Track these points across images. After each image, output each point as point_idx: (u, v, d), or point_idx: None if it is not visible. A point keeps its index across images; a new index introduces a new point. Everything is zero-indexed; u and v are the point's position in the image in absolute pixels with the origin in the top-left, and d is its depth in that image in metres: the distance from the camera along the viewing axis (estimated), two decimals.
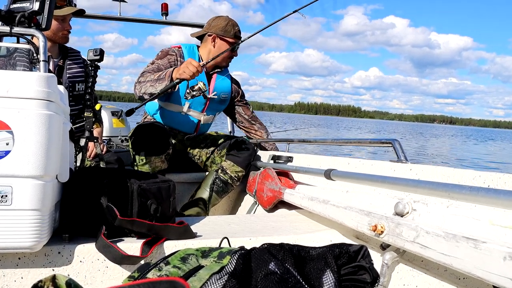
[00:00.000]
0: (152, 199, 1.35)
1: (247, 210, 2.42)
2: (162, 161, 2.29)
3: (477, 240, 0.80)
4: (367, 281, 0.86)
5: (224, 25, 2.51)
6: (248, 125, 2.81)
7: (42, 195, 1.08)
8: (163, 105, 2.53)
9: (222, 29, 2.50)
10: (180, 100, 2.46)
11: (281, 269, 0.80)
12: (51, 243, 1.20)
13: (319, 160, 2.10)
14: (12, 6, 1.36)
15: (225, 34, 2.51)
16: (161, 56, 2.45)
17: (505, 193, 0.81)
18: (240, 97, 2.76)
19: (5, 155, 1.04)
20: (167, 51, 2.47)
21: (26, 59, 2.03)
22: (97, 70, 1.83)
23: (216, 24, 2.52)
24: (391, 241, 1.04)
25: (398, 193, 1.30)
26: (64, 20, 2.18)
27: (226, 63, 2.59)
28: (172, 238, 1.32)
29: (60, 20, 2.17)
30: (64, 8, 2.15)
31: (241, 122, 2.81)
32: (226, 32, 2.50)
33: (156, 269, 0.98)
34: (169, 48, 2.50)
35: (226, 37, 2.51)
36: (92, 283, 1.23)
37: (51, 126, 1.09)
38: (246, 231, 1.48)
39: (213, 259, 0.99)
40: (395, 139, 1.70)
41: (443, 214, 1.02)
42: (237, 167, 2.42)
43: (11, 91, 1.05)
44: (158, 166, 2.28)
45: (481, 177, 1.24)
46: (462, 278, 1.00)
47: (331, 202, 1.39)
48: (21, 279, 1.18)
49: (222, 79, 2.59)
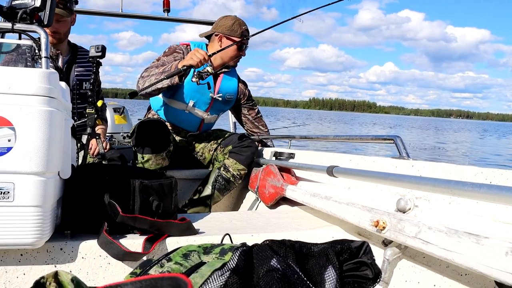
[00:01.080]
0: (154, 196, 1.35)
1: (249, 207, 2.43)
2: (163, 158, 2.30)
3: (479, 236, 0.79)
4: (369, 277, 0.86)
5: (231, 24, 2.50)
6: (251, 126, 2.81)
7: (44, 192, 1.08)
8: (168, 101, 2.52)
9: (229, 29, 2.50)
10: (184, 97, 2.46)
11: (283, 266, 0.80)
12: (53, 239, 1.20)
13: (321, 156, 2.10)
14: (13, 2, 1.36)
15: (232, 34, 2.50)
16: (167, 53, 2.45)
17: (507, 189, 0.80)
18: (246, 99, 2.75)
19: (7, 152, 1.05)
20: (174, 48, 2.47)
21: (28, 55, 2.03)
22: (99, 66, 1.83)
23: (223, 23, 2.52)
24: (393, 237, 1.04)
25: (400, 189, 1.30)
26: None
27: (233, 63, 2.59)
28: (174, 234, 1.32)
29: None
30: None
31: (245, 122, 2.82)
32: (233, 31, 2.50)
33: (158, 265, 0.98)
34: (177, 45, 2.50)
35: (232, 37, 2.50)
36: (94, 279, 1.23)
37: (53, 123, 1.09)
38: (248, 228, 1.48)
39: (215, 256, 0.99)
40: (397, 135, 1.70)
41: (445, 211, 1.02)
42: (240, 165, 2.42)
43: (13, 88, 1.06)
44: (159, 164, 2.29)
45: (483, 173, 1.24)
46: (464, 274, 1.00)
47: (333, 198, 1.39)
48: (23, 275, 1.18)
49: (228, 80, 2.58)
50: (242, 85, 2.72)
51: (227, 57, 2.51)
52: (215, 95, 2.51)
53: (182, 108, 2.50)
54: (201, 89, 2.43)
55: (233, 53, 2.51)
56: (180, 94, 2.45)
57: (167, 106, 2.53)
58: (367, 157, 1.75)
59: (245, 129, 2.86)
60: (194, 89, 2.44)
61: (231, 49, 2.47)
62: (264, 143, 2.81)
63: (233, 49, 2.49)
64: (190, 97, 2.46)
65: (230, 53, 2.50)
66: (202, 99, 2.49)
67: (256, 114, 2.81)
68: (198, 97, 2.48)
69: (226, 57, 2.51)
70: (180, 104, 2.49)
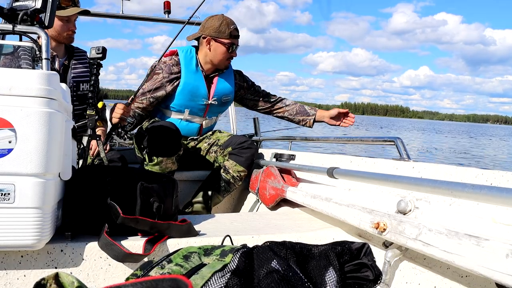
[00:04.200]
0: (155, 197, 1.35)
1: (249, 208, 2.43)
2: (172, 162, 2.25)
3: (480, 238, 0.79)
4: (369, 278, 0.86)
5: (218, 25, 2.36)
6: (265, 105, 2.68)
7: (44, 193, 1.08)
8: (164, 111, 2.49)
9: (216, 30, 2.36)
10: (178, 108, 2.43)
11: (284, 267, 0.80)
12: (54, 241, 1.20)
13: (321, 158, 2.10)
14: (14, 4, 1.36)
15: (220, 36, 2.37)
16: (149, 77, 2.35)
17: (508, 191, 0.80)
18: (246, 87, 2.64)
19: (8, 153, 1.05)
20: (154, 71, 2.36)
21: (29, 57, 2.03)
22: (100, 68, 1.83)
23: (209, 25, 2.38)
24: (393, 238, 1.04)
25: (401, 191, 1.30)
26: (68, 20, 2.19)
27: (224, 65, 2.47)
28: (174, 236, 1.32)
29: (65, 21, 2.18)
30: (69, 8, 2.16)
31: (257, 106, 2.69)
32: (220, 33, 2.36)
33: (158, 267, 0.98)
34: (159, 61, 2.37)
35: (221, 38, 2.37)
36: (94, 281, 1.23)
37: (53, 124, 1.09)
38: (248, 229, 1.48)
39: (215, 257, 0.99)
40: (398, 137, 1.70)
41: (446, 212, 1.02)
42: (240, 167, 2.40)
43: (13, 89, 1.06)
44: (168, 167, 2.25)
45: (484, 175, 1.24)
46: (465, 275, 1.00)
47: (334, 200, 1.39)
48: (23, 277, 1.18)
49: (223, 82, 2.50)
50: (239, 77, 2.63)
51: (217, 61, 2.41)
52: (209, 101, 2.45)
53: (179, 118, 2.47)
54: (194, 97, 2.40)
55: (223, 55, 2.39)
56: (174, 105, 2.41)
57: (165, 115, 2.49)
58: (368, 159, 1.75)
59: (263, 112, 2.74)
60: (187, 98, 2.40)
61: (220, 52, 2.38)
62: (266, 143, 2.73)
63: (223, 52, 2.39)
64: (184, 106, 2.42)
65: (219, 56, 2.40)
66: (196, 106, 2.44)
67: (262, 92, 2.68)
68: (192, 105, 2.44)
69: (216, 60, 2.41)
70: (176, 114, 2.46)
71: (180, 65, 2.39)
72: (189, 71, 2.39)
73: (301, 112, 2.66)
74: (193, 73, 2.40)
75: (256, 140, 2.97)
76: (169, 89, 2.36)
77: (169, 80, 2.35)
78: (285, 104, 2.68)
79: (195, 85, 2.39)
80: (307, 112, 2.66)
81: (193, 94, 2.40)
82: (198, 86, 2.40)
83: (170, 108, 2.44)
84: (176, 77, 2.37)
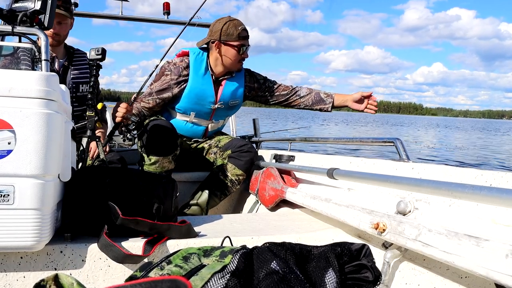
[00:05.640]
0: (155, 198, 1.35)
1: (249, 209, 2.43)
2: (169, 161, 2.25)
3: (479, 238, 0.79)
4: (369, 279, 0.86)
5: (225, 28, 2.31)
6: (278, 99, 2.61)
7: (44, 194, 1.08)
8: (171, 112, 2.48)
9: (224, 33, 2.32)
10: (184, 111, 2.42)
11: (283, 268, 0.80)
12: (53, 242, 1.20)
13: (321, 159, 2.10)
14: (14, 5, 1.36)
15: (228, 38, 2.32)
16: (157, 78, 2.35)
17: (507, 191, 0.80)
18: (256, 87, 2.57)
19: (7, 154, 1.05)
20: (163, 70, 2.35)
21: (28, 58, 2.03)
22: (99, 69, 1.83)
23: (216, 29, 2.33)
24: (393, 239, 1.04)
25: (400, 192, 1.30)
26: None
27: (237, 67, 2.42)
28: (174, 237, 1.32)
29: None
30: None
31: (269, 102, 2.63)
32: (229, 35, 2.31)
33: (158, 268, 0.98)
34: (170, 61, 2.37)
35: (229, 41, 2.32)
36: (94, 282, 1.23)
37: (53, 125, 1.09)
38: (248, 230, 1.48)
39: (215, 258, 0.99)
40: (397, 138, 1.70)
41: (445, 213, 1.02)
42: (238, 171, 2.39)
43: (12, 90, 1.06)
44: (165, 167, 2.25)
45: (483, 175, 1.24)
46: (464, 276, 1.00)
47: (333, 201, 1.39)
48: (23, 278, 1.18)
49: (232, 85, 2.45)
50: (250, 78, 2.56)
51: (229, 64, 2.36)
52: (216, 105, 2.42)
53: (185, 119, 2.46)
54: (200, 101, 2.38)
55: (234, 58, 2.35)
56: (180, 107, 2.40)
57: (171, 116, 2.48)
58: (367, 160, 1.75)
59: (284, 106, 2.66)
60: (193, 101, 2.38)
61: (231, 55, 2.34)
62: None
63: (233, 54, 2.34)
64: (190, 109, 2.41)
65: (231, 59, 2.35)
66: (202, 110, 2.43)
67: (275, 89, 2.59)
68: (198, 108, 2.42)
69: (228, 63, 2.36)
70: (182, 116, 2.45)
71: (189, 68, 2.36)
72: (198, 75, 2.37)
73: (318, 102, 2.59)
74: (202, 77, 2.37)
75: (255, 141, 2.97)
76: (175, 91, 2.35)
77: (176, 82, 2.34)
78: (299, 96, 2.60)
79: (202, 89, 2.37)
80: (324, 100, 2.58)
81: (199, 98, 2.38)
82: (205, 90, 2.38)
83: (176, 110, 2.43)
84: (184, 80, 2.35)
